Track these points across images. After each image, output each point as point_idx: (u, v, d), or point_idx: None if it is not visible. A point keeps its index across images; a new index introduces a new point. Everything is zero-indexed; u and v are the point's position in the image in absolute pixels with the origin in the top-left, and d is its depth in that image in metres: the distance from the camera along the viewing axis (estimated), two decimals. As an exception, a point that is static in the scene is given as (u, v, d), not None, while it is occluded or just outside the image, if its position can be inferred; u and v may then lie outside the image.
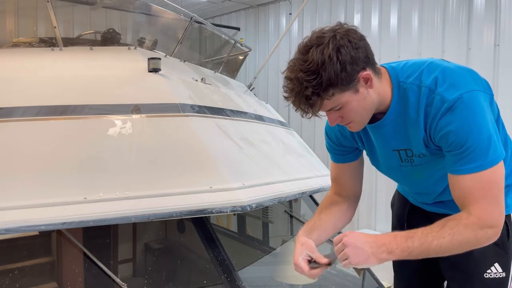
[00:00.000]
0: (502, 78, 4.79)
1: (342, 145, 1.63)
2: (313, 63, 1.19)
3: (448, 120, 1.25)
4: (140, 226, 3.34)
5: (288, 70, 1.27)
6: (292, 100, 1.27)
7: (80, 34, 3.63)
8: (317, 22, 6.91)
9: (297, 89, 1.22)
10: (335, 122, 1.34)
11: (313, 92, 1.20)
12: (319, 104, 1.24)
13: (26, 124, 2.19)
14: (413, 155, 1.42)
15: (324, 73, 1.19)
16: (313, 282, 3.19)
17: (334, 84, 1.21)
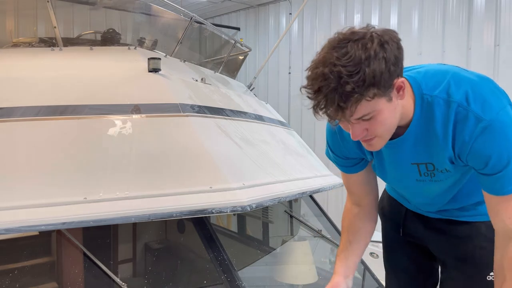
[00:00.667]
0: (502, 78, 4.79)
1: (347, 157, 1.51)
2: (355, 57, 1.04)
3: (485, 141, 1.17)
4: (140, 226, 3.34)
5: (319, 64, 1.09)
6: (323, 98, 1.07)
7: (80, 34, 3.63)
8: (317, 22, 6.91)
9: (333, 84, 1.04)
10: (360, 136, 1.18)
11: (353, 89, 1.04)
12: (355, 106, 1.07)
13: (26, 124, 2.19)
14: (434, 169, 1.33)
15: (368, 69, 1.04)
16: (313, 282, 3.20)
17: (377, 84, 1.06)
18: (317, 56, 1.13)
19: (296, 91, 7.29)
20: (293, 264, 3.31)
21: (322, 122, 1.42)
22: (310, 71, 1.12)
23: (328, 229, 3.44)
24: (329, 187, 3.13)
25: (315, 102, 1.10)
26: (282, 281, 3.17)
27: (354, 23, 6.33)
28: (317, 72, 1.08)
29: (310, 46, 7.03)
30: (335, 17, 6.63)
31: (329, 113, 1.10)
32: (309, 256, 3.31)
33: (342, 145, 1.48)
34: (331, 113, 1.10)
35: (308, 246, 3.34)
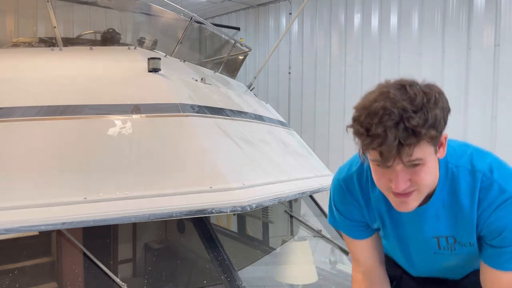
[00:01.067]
0: (502, 78, 4.79)
1: (352, 219, 1.39)
2: (417, 98, 1.01)
3: (505, 212, 1.16)
4: (140, 226, 3.34)
5: (378, 99, 1.04)
6: (383, 132, 1.00)
7: (80, 34, 3.63)
8: (317, 22, 6.91)
9: (396, 119, 0.99)
10: (403, 187, 1.10)
11: (418, 125, 0.99)
12: (415, 145, 1.02)
13: (26, 124, 2.19)
14: (455, 242, 1.27)
15: (431, 111, 1.01)
16: (313, 282, 3.20)
17: (437, 126, 1.03)
18: (369, 96, 1.08)
19: (296, 91, 7.29)
20: (293, 264, 3.31)
21: (322, 123, 1.37)
22: (364, 107, 1.06)
23: (328, 229, 3.44)
24: (329, 187, 3.13)
25: (370, 139, 1.02)
26: (282, 281, 3.17)
27: (354, 23, 6.33)
28: (377, 106, 1.02)
29: (310, 46, 7.03)
30: (335, 17, 6.63)
31: (384, 151, 1.02)
32: (309, 256, 3.31)
33: (350, 204, 1.37)
34: (386, 151, 1.02)
35: (308, 246, 3.34)
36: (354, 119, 1.08)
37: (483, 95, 4.94)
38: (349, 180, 1.35)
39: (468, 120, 5.07)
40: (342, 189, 1.37)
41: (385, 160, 1.04)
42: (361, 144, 1.06)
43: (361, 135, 1.05)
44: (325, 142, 6.72)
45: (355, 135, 1.07)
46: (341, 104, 6.55)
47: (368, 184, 1.31)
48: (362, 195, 1.33)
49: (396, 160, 1.04)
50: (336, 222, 1.44)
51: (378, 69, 5.98)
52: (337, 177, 1.41)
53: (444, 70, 5.32)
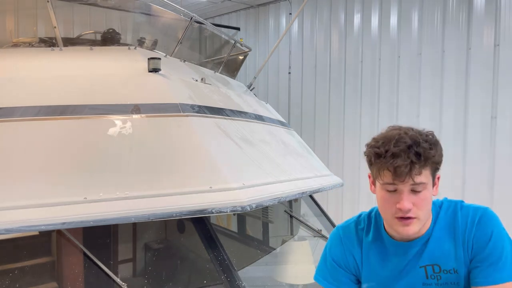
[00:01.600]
0: (502, 78, 4.79)
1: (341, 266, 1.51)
2: (425, 134, 1.29)
3: (485, 224, 1.35)
4: (140, 226, 3.34)
5: (393, 130, 1.31)
6: (398, 152, 1.24)
7: (80, 34, 3.63)
8: (317, 22, 6.92)
9: (410, 143, 1.24)
10: (408, 207, 1.29)
11: (426, 150, 1.25)
12: (423, 167, 1.25)
13: (26, 124, 2.19)
14: (440, 271, 1.40)
15: (434, 146, 1.28)
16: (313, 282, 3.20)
17: (439, 159, 1.29)
18: (383, 132, 1.33)
19: (296, 91, 7.30)
20: (293, 264, 3.31)
21: (322, 123, 1.41)
22: (380, 137, 1.30)
23: (328, 229, 3.44)
24: (329, 187, 3.13)
25: (386, 159, 1.25)
26: (282, 281, 3.17)
27: (354, 23, 6.33)
28: (393, 133, 1.29)
29: (310, 46, 7.03)
30: (335, 17, 6.63)
31: (398, 168, 1.23)
32: (309, 256, 3.31)
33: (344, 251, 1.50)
34: (400, 168, 1.23)
35: (308, 246, 3.34)
36: (371, 145, 1.31)
37: (483, 95, 4.94)
38: (346, 227, 1.53)
39: (468, 120, 5.08)
40: (339, 235, 1.53)
41: (398, 176, 1.24)
42: (378, 166, 1.28)
43: (379, 156, 1.27)
44: (325, 142, 6.72)
45: (372, 159, 1.29)
46: (341, 104, 6.55)
47: (364, 231, 1.50)
48: (357, 239, 1.50)
49: (406, 178, 1.24)
50: (325, 271, 1.53)
51: (378, 69, 5.98)
52: (336, 227, 1.59)
53: (444, 70, 5.32)
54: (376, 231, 1.48)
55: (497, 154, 4.83)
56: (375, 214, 1.51)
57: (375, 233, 1.47)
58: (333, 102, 6.68)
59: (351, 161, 6.35)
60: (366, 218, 1.51)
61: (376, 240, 1.46)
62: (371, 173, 1.35)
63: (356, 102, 6.33)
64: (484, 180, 4.91)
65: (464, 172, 5.09)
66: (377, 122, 6.00)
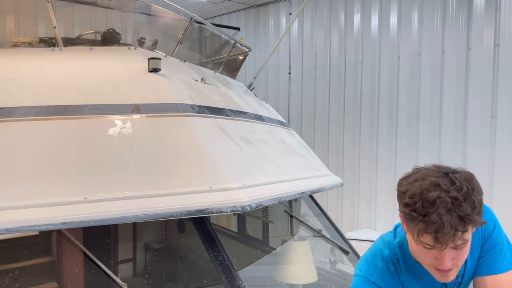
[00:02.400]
0: (502, 78, 4.79)
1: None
2: (463, 186, 1.17)
3: (488, 218, 1.34)
4: (140, 226, 3.34)
5: (430, 185, 1.18)
6: (439, 219, 1.13)
7: (80, 34, 3.63)
8: (317, 22, 6.92)
9: (450, 206, 1.14)
10: (448, 265, 1.24)
11: (468, 213, 1.14)
12: (467, 230, 1.16)
13: (26, 124, 2.19)
14: (457, 277, 1.42)
15: (476, 200, 1.17)
16: (313, 282, 3.20)
17: (480, 213, 1.18)
18: (417, 182, 1.20)
19: (296, 91, 7.30)
20: (293, 264, 3.31)
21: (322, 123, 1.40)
22: (416, 193, 1.18)
23: (328, 229, 3.44)
24: (329, 187, 3.13)
25: (425, 225, 1.15)
26: (282, 281, 3.17)
27: (354, 23, 6.34)
28: (432, 195, 1.16)
29: (310, 46, 7.03)
30: (335, 17, 6.63)
31: (440, 237, 1.15)
32: (309, 256, 3.31)
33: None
34: (442, 236, 1.14)
35: (308, 246, 3.34)
36: (407, 204, 1.20)
37: (483, 95, 4.94)
38: (380, 276, 1.43)
39: (468, 120, 5.08)
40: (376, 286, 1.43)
41: (440, 244, 1.16)
42: (416, 229, 1.18)
43: (417, 221, 1.17)
44: (325, 142, 6.72)
45: (409, 220, 1.20)
46: (341, 104, 6.55)
47: (397, 273, 1.43)
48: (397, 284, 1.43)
49: (449, 244, 1.17)
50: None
51: (378, 69, 5.98)
52: (363, 277, 1.45)
53: (444, 70, 5.33)
54: (407, 267, 1.42)
55: (497, 154, 4.83)
56: (398, 249, 1.44)
57: (407, 270, 1.42)
58: (333, 102, 6.69)
59: (351, 161, 6.36)
60: (394, 259, 1.44)
61: (411, 274, 1.42)
62: (407, 229, 1.25)
63: (356, 102, 6.33)
64: (484, 180, 4.91)
65: (464, 172, 5.09)
66: (377, 122, 6.01)
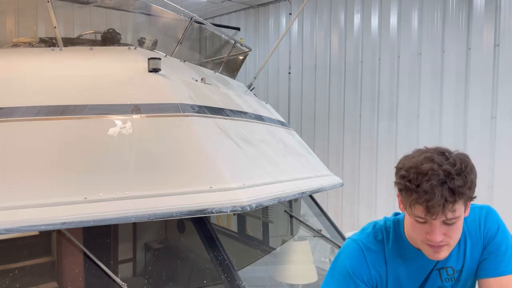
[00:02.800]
0: (502, 78, 4.79)
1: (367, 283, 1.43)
2: (457, 164, 1.22)
3: (491, 219, 1.41)
4: (140, 226, 3.34)
5: (424, 162, 1.23)
6: (431, 189, 1.18)
7: (80, 34, 3.63)
8: (317, 22, 6.92)
9: (443, 178, 1.18)
10: (439, 239, 1.28)
11: (460, 186, 1.19)
12: (457, 203, 1.21)
13: (26, 124, 2.19)
14: (454, 272, 1.44)
15: (468, 176, 1.21)
16: (313, 282, 3.20)
17: (472, 189, 1.24)
18: (413, 158, 1.26)
19: (296, 91, 7.30)
20: (293, 264, 3.31)
21: (322, 123, 1.41)
22: (411, 166, 1.24)
23: (328, 229, 3.44)
24: (329, 187, 3.13)
25: (418, 195, 1.20)
26: (282, 281, 3.17)
27: (354, 23, 6.34)
28: (425, 167, 1.21)
29: (310, 46, 7.03)
30: (335, 17, 6.63)
31: (430, 206, 1.19)
32: (309, 255, 3.31)
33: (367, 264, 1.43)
34: (433, 206, 1.19)
35: (308, 246, 3.34)
36: (402, 176, 1.25)
37: (483, 95, 4.94)
38: (365, 239, 1.45)
39: (468, 120, 5.08)
40: (359, 248, 1.44)
41: (431, 214, 1.20)
42: (409, 199, 1.23)
43: (409, 191, 1.22)
44: (325, 142, 6.72)
45: (403, 191, 1.25)
46: (341, 104, 6.55)
47: (383, 243, 1.45)
48: (380, 252, 1.44)
49: (439, 215, 1.21)
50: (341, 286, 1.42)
51: (378, 69, 5.98)
52: (352, 240, 1.48)
53: (444, 70, 5.33)
54: (397, 242, 1.44)
55: (497, 154, 4.83)
56: (393, 223, 1.47)
57: (396, 244, 1.43)
58: (333, 102, 6.69)
59: (351, 161, 6.36)
60: (384, 229, 1.46)
61: (399, 251, 1.43)
62: (402, 201, 1.30)
63: (356, 102, 6.33)
64: (484, 180, 4.91)
65: (464, 172, 5.09)
66: (377, 122, 6.01)
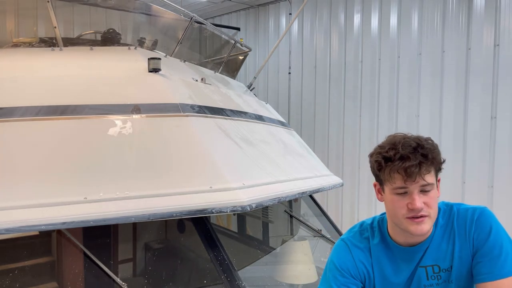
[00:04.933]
0: (502, 78, 4.79)
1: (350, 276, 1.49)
2: (424, 138, 1.37)
3: (484, 220, 1.42)
4: (140, 226, 3.34)
5: (395, 136, 1.38)
6: (405, 153, 1.31)
7: (80, 34, 3.63)
8: (317, 22, 6.92)
9: (414, 145, 1.32)
10: (421, 205, 1.35)
11: (430, 150, 1.32)
12: (430, 165, 1.33)
13: (26, 124, 2.19)
14: (440, 270, 1.46)
15: (435, 149, 1.36)
16: (313, 282, 3.20)
17: (440, 160, 1.37)
18: (385, 140, 1.40)
19: (296, 91, 7.30)
20: (293, 264, 3.31)
21: (322, 123, 1.42)
22: (385, 143, 1.37)
23: (328, 229, 3.44)
24: (329, 187, 3.14)
25: (396, 162, 1.31)
26: (282, 281, 3.17)
27: (354, 23, 6.33)
28: (397, 138, 1.36)
29: (310, 46, 7.03)
30: (335, 17, 6.63)
31: (407, 168, 1.30)
32: (309, 255, 3.32)
33: (353, 260, 1.49)
34: (409, 167, 1.30)
35: (308, 246, 3.34)
36: (378, 152, 1.37)
37: (483, 95, 4.94)
38: (352, 237, 1.54)
39: (468, 120, 5.08)
40: (346, 245, 1.53)
41: (409, 176, 1.30)
42: (388, 170, 1.33)
43: (388, 160, 1.33)
44: (325, 142, 6.72)
45: (382, 163, 1.34)
46: (341, 104, 6.55)
47: (369, 239, 1.52)
48: (365, 247, 1.51)
49: (417, 177, 1.31)
50: (332, 282, 1.48)
51: (378, 69, 5.98)
52: (340, 239, 1.58)
53: (444, 70, 5.33)
54: (382, 239, 1.50)
55: (497, 154, 4.83)
56: (377, 222, 1.54)
57: (381, 241, 1.50)
58: (333, 102, 6.68)
59: (351, 161, 6.36)
60: (369, 227, 1.54)
61: (383, 246, 1.49)
62: (381, 178, 1.38)
63: (356, 102, 6.33)
64: (484, 180, 4.91)
65: (464, 172, 5.09)
66: (377, 122, 6.01)
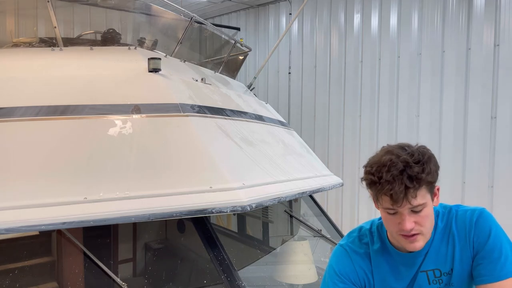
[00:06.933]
0: (502, 78, 4.79)
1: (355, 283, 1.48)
2: (415, 155, 1.29)
3: (484, 220, 1.40)
4: (140, 226, 3.34)
5: (385, 155, 1.31)
6: (392, 178, 1.25)
7: (80, 34, 3.63)
8: (317, 22, 6.92)
9: (401, 167, 1.25)
10: (410, 227, 1.33)
11: (418, 173, 1.25)
12: (416, 189, 1.27)
13: (26, 124, 2.20)
14: (441, 275, 1.45)
15: (427, 165, 1.28)
16: (313, 282, 3.20)
17: (432, 177, 1.30)
18: (377, 155, 1.34)
19: (296, 91, 7.30)
20: (293, 264, 3.31)
21: (322, 123, 1.42)
22: (374, 162, 1.31)
23: (328, 229, 3.44)
24: (329, 187, 3.14)
25: (381, 186, 1.27)
26: (282, 281, 3.17)
27: (354, 23, 6.34)
28: (385, 159, 1.29)
29: (310, 46, 7.03)
30: (335, 17, 6.63)
31: (393, 194, 1.25)
32: (309, 255, 3.32)
33: (353, 265, 1.49)
34: (395, 194, 1.25)
35: (308, 246, 3.34)
36: (367, 171, 1.32)
37: (483, 95, 4.94)
38: (351, 243, 1.53)
39: (468, 120, 5.08)
40: (345, 251, 1.52)
41: (395, 202, 1.27)
42: (375, 192, 1.30)
43: (374, 183, 1.29)
44: (325, 142, 6.72)
45: (368, 185, 1.32)
46: (341, 104, 6.55)
47: (368, 244, 1.51)
48: (364, 253, 1.50)
49: (403, 202, 1.27)
50: None
51: (378, 69, 5.98)
52: (339, 245, 1.56)
53: (443, 70, 5.33)
54: (382, 244, 1.49)
55: (497, 154, 4.83)
56: (376, 227, 1.52)
57: (380, 246, 1.48)
58: (333, 102, 6.68)
59: (351, 161, 6.36)
60: (368, 232, 1.53)
61: (383, 252, 1.48)
62: (372, 197, 1.36)
63: (356, 102, 6.33)
64: (484, 180, 4.91)
65: (464, 172, 5.09)
66: (377, 122, 6.01)
